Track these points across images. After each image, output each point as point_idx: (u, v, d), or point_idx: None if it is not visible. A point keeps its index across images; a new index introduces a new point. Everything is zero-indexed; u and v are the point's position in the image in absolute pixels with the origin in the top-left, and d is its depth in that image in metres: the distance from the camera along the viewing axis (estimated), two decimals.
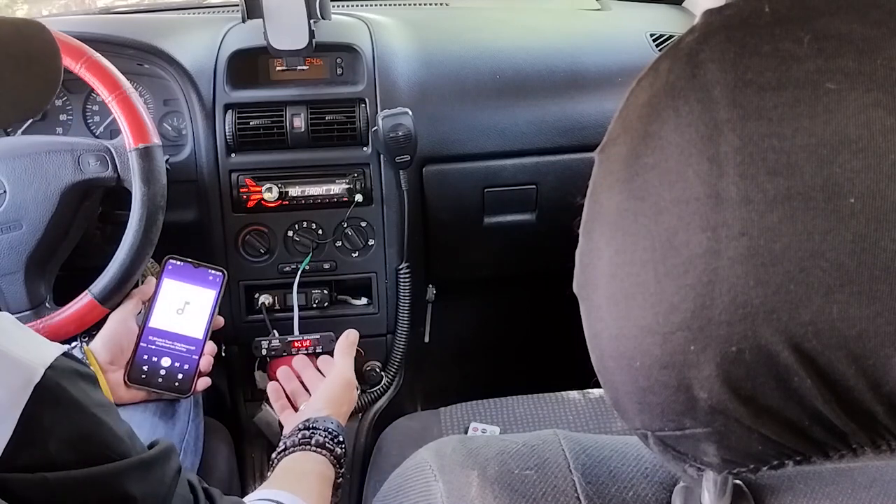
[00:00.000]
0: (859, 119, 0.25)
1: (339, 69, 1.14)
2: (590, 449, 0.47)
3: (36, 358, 0.46)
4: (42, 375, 0.45)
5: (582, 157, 1.16)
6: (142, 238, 0.91)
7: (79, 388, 0.48)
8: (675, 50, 0.30)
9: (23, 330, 0.48)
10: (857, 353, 0.25)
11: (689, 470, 0.33)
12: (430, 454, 0.50)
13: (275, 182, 1.09)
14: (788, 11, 0.27)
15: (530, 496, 0.44)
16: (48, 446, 0.44)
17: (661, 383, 0.29)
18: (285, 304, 1.14)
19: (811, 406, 0.27)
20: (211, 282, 0.95)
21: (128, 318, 0.93)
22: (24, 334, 0.47)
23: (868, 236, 0.24)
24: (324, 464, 0.80)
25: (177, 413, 0.94)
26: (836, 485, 0.42)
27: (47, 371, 0.45)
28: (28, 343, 0.46)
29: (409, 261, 1.16)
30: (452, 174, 1.15)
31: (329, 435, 0.83)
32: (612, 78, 1.18)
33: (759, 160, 0.26)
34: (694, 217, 0.27)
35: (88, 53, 0.92)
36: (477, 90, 1.15)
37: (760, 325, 0.26)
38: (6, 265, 0.91)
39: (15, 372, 0.44)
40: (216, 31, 1.14)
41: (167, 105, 1.13)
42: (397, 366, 1.21)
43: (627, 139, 0.30)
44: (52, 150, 0.93)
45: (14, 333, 0.46)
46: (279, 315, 1.13)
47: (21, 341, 0.46)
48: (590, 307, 0.33)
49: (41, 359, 0.46)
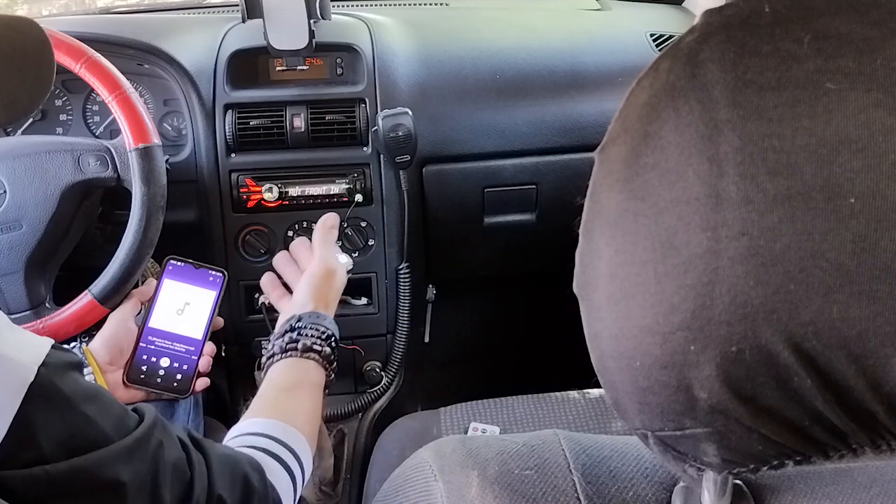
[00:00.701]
0: (859, 119, 0.25)
1: (339, 69, 1.14)
2: (590, 449, 0.47)
3: (29, 357, 0.46)
4: (36, 374, 0.45)
5: (582, 157, 1.16)
6: (142, 238, 0.91)
7: (71, 382, 0.48)
8: (675, 50, 0.30)
9: (12, 329, 0.48)
10: (857, 353, 0.25)
11: (689, 470, 0.33)
12: (430, 454, 0.50)
13: (275, 182, 1.09)
14: (788, 11, 0.27)
15: (530, 496, 0.44)
16: (41, 443, 0.44)
17: (661, 383, 0.29)
18: None
19: (811, 406, 0.27)
20: (211, 283, 0.95)
21: (127, 318, 0.93)
22: (14, 333, 0.47)
23: (868, 236, 0.24)
24: (313, 370, 0.79)
25: (176, 413, 0.94)
26: (836, 485, 0.42)
27: (41, 369, 0.45)
28: (19, 342, 0.46)
29: (409, 261, 1.16)
30: (452, 174, 1.15)
31: (316, 333, 0.81)
32: (612, 78, 1.18)
33: (759, 160, 0.26)
34: (694, 217, 0.27)
35: (88, 53, 0.92)
36: (477, 90, 1.15)
37: (760, 325, 0.26)
38: (6, 265, 0.91)
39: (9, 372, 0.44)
40: (216, 31, 1.14)
41: (167, 105, 1.13)
42: (397, 366, 1.21)
43: (627, 139, 0.30)
44: (52, 150, 0.93)
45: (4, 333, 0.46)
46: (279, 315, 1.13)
47: (12, 341, 0.46)
48: (590, 307, 0.33)
49: (35, 357, 0.46)
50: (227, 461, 0.58)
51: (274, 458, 0.65)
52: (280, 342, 0.81)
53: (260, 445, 0.66)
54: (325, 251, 0.93)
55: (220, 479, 0.56)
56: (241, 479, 0.58)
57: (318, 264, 0.91)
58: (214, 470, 0.56)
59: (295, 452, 0.68)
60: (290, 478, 0.66)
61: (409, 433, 0.97)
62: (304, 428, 0.71)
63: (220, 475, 0.56)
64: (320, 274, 0.90)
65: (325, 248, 0.93)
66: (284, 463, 0.66)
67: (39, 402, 0.45)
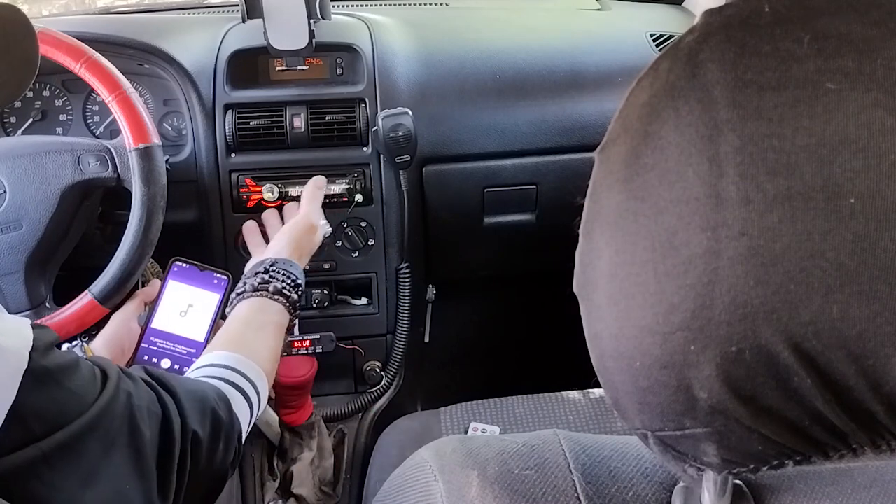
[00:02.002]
0: (859, 119, 0.25)
1: (339, 69, 1.14)
2: (590, 449, 0.47)
3: (19, 343, 0.46)
4: (28, 360, 0.45)
5: (582, 157, 1.16)
6: (142, 238, 0.91)
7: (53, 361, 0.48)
8: (675, 50, 0.30)
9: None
10: (857, 353, 0.25)
11: (689, 470, 0.33)
12: (430, 454, 0.50)
13: (275, 182, 1.09)
14: (788, 11, 0.27)
15: (530, 496, 0.44)
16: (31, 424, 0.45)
17: (661, 383, 0.29)
18: None
19: (811, 406, 0.27)
20: (216, 285, 0.95)
21: (130, 318, 0.93)
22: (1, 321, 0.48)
23: (868, 236, 0.24)
24: (280, 312, 0.83)
25: None
26: (836, 485, 0.42)
27: (31, 354, 0.46)
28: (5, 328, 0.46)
29: (409, 261, 1.16)
30: (452, 174, 1.15)
31: (287, 278, 0.85)
32: (612, 78, 1.18)
33: (759, 160, 0.26)
34: (694, 217, 0.27)
35: (88, 53, 0.92)
36: (477, 90, 1.15)
37: (760, 325, 0.26)
38: (6, 265, 0.91)
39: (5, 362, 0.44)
40: (216, 31, 1.14)
41: (167, 105, 1.13)
42: (397, 366, 1.21)
43: (627, 139, 0.30)
44: (52, 150, 0.93)
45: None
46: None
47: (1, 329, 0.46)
48: (590, 307, 0.33)
49: (24, 342, 0.46)
50: (196, 396, 0.60)
51: (236, 390, 0.68)
52: (252, 281, 0.84)
53: (223, 377, 0.68)
54: (311, 207, 1.00)
55: (192, 414, 0.58)
56: (210, 413, 0.61)
57: (303, 218, 0.97)
58: (185, 406, 0.58)
59: (255, 384, 0.71)
60: (249, 408, 0.69)
61: (409, 433, 0.97)
62: (265, 365, 0.74)
63: (192, 411, 0.58)
64: (303, 226, 0.96)
65: (311, 205, 1.00)
66: (245, 394, 0.69)
67: (32, 386, 0.45)
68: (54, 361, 0.48)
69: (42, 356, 0.47)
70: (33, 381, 0.45)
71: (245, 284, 0.85)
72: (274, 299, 0.83)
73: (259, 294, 0.83)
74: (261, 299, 0.83)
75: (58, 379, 0.48)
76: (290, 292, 0.84)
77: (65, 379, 0.48)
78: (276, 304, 0.83)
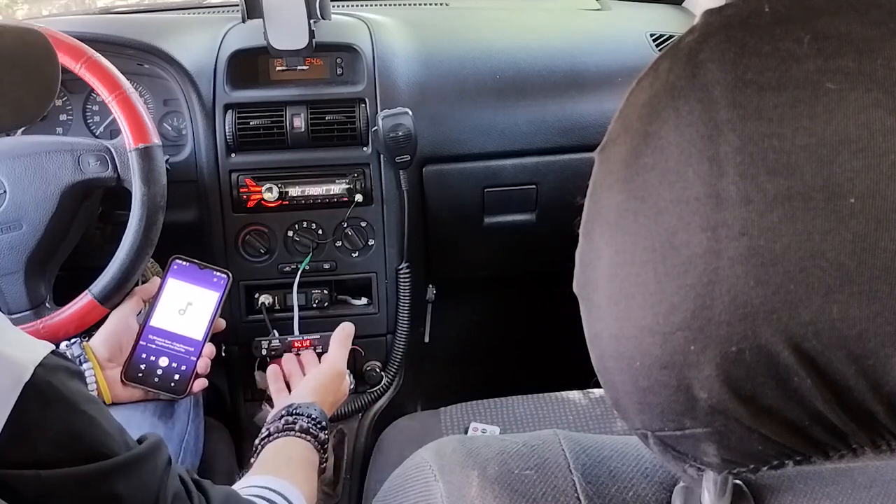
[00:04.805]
0: (859, 119, 0.25)
1: (339, 69, 1.14)
2: (590, 449, 0.47)
3: (26, 356, 0.46)
4: (32, 373, 0.45)
5: (582, 157, 1.16)
6: (142, 238, 0.91)
7: (69, 386, 0.48)
8: (675, 50, 0.30)
9: (12, 329, 0.48)
10: (857, 353, 0.25)
11: (689, 470, 0.33)
12: (430, 454, 0.50)
13: (275, 182, 1.09)
14: (788, 11, 0.27)
15: (530, 496, 0.44)
16: (36, 444, 0.44)
17: (661, 383, 0.29)
18: (285, 304, 1.14)
19: (811, 406, 0.27)
20: (215, 284, 0.95)
21: (129, 316, 0.93)
22: (13, 333, 0.47)
23: (868, 236, 0.24)
24: (309, 449, 0.80)
25: (176, 413, 0.94)
26: (836, 485, 0.42)
27: (37, 369, 0.45)
28: (18, 342, 0.46)
29: (409, 261, 1.16)
30: (452, 174, 1.15)
31: (312, 421, 0.82)
32: (612, 78, 1.18)
33: (759, 160, 0.26)
34: (694, 217, 0.27)
35: (88, 53, 0.92)
36: (477, 90, 1.15)
37: (760, 325, 0.26)
38: (6, 265, 0.91)
39: (5, 370, 0.44)
40: (216, 31, 1.14)
41: (167, 105, 1.13)
42: (397, 366, 1.21)
43: (627, 139, 0.30)
44: (52, 150, 0.93)
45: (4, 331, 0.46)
46: (279, 315, 1.13)
47: (11, 340, 0.46)
48: (590, 307, 0.33)
49: (31, 357, 0.46)
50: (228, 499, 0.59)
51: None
52: (276, 424, 0.81)
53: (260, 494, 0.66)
54: (340, 355, 0.96)
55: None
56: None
57: (330, 365, 0.94)
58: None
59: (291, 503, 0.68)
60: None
61: (409, 433, 0.97)
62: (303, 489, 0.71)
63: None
64: (329, 373, 0.93)
65: (339, 353, 0.97)
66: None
67: (35, 401, 0.45)
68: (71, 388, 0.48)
69: (52, 375, 0.46)
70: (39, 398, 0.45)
71: (269, 428, 0.82)
72: (300, 437, 0.80)
73: (286, 434, 0.80)
74: (287, 438, 0.80)
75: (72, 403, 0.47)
76: (317, 432, 0.81)
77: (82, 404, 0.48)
78: (303, 441, 0.80)
